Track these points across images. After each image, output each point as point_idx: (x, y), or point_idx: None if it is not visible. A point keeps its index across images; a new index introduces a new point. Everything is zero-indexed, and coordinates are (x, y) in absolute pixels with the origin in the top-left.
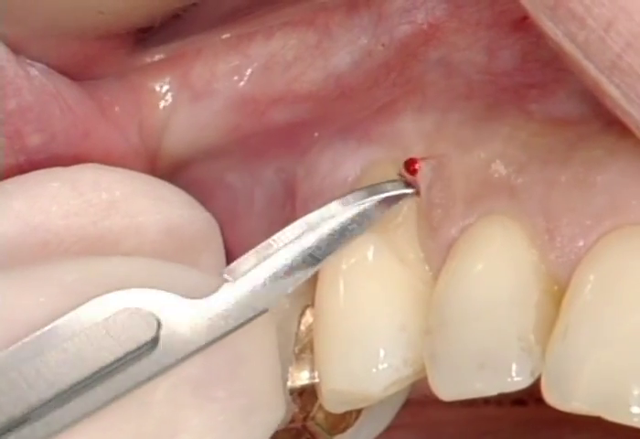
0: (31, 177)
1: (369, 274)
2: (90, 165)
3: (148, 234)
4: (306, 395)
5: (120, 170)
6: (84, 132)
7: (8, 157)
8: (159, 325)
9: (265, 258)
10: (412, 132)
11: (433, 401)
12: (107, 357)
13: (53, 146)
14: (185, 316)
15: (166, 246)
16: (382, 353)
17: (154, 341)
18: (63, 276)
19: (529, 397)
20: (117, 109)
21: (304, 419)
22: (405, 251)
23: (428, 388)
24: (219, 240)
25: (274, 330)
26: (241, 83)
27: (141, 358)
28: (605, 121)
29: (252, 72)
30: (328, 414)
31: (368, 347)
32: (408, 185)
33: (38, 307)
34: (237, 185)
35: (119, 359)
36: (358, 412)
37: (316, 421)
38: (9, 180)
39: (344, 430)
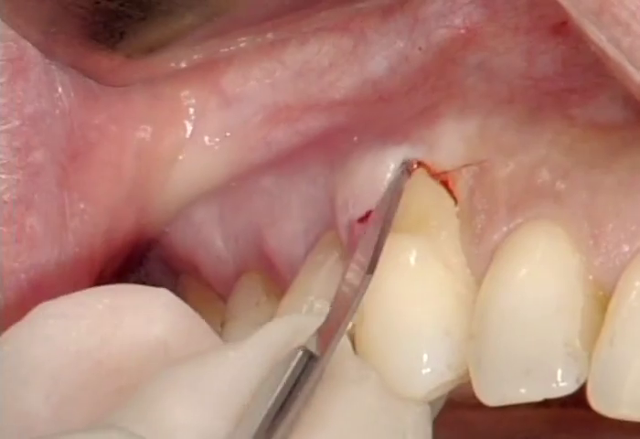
0: (22, 327)
1: (412, 278)
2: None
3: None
4: None
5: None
6: (72, 154)
7: (9, 173)
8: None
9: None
10: (454, 136)
11: (463, 401)
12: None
13: (47, 168)
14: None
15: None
16: (426, 357)
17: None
18: None
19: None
20: (134, 118)
21: None
22: (448, 256)
23: (457, 389)
24: None
25: None
26: (275, 90)
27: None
28: (637, 117)
29: (286, 79)
30: None
31: (412, 352)
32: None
33: None
34: (273, 189)
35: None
36: None
37: None
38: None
39: None
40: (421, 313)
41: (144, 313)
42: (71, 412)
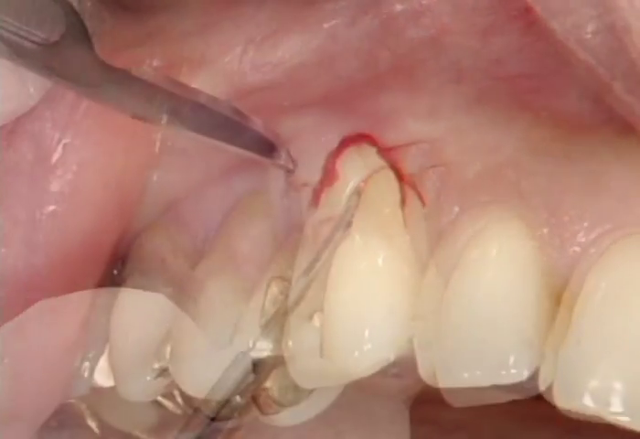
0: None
1: (358, 256)
2: None
3: None
4: (262, 366)
5: None
6: (45, 155)
7: None
8: None
9: None
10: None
11: (431, 399)
12: None
13: (19, 167)
14: None
15: None
16: (367, 333)
17: None
18: None
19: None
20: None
21: (256, 390)
22: (394, 236)
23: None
24: None
25: None
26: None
27: None
28: (606, 117)
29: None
30: (282, 387)
31: (354, 327)
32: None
33: None
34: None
35: None
36: None
37: (269, 392)
38: None
39: (294, 403)
40: (366, 291)
41: None
42: None
